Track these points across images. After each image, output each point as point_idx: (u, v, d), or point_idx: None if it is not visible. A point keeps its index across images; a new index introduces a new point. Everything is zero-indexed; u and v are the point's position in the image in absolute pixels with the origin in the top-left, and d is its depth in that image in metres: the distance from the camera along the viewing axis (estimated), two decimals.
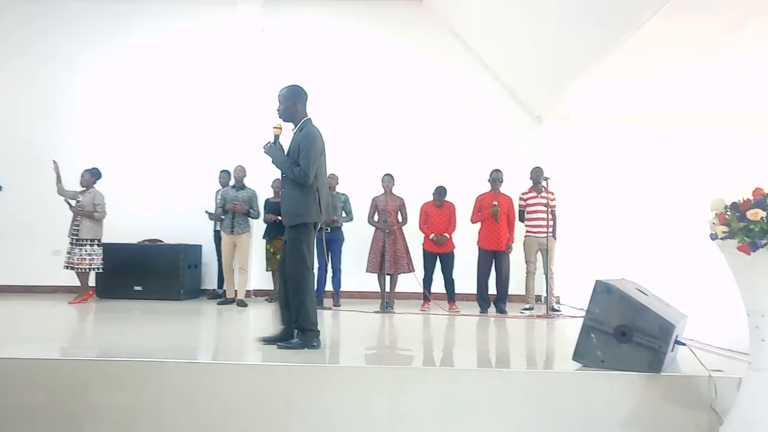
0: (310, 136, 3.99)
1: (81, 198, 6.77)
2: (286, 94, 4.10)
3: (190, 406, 3.22)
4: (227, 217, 6.91)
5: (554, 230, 6.80)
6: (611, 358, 3.17)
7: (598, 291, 3.25)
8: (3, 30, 8.54)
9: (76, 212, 6.71)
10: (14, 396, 3.21)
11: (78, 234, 6.70)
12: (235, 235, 6.90)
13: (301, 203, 3.93)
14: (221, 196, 7.09)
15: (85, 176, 6.85)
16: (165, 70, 8.47)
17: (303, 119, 4.10)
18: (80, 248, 6.70)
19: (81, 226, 6.73)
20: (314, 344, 3.92)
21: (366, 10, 8.54)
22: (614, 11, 5.53)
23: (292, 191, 3.96)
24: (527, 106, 8.38)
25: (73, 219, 6.75)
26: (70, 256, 6.70)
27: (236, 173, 7.10)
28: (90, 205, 6.75)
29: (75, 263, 6.69)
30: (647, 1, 5.04)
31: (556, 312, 6.56)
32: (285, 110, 4.08)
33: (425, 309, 6.62)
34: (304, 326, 3.93)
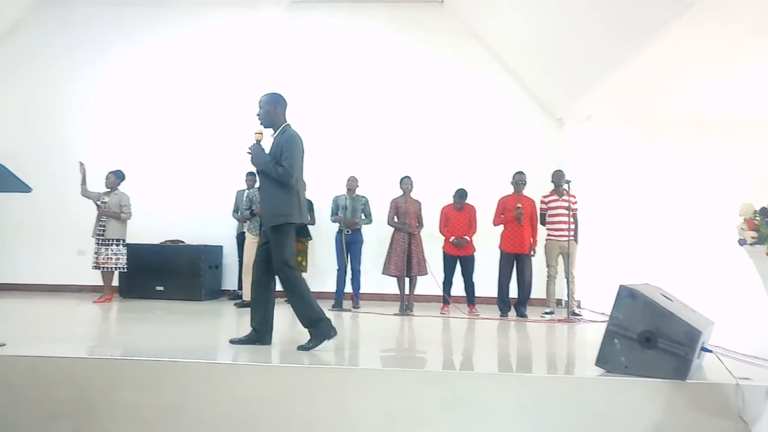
0: (292, 138, 4.10)
1: (106, 199, 6.90)
2: (267, 100, 4.19)
3: (212, 406, 3.25)
4: (255, 219, 6.92)
5: (576, 234, 6.73)
6: (635, 365, 3.12)
7: (622, 296, 3.20)
8: (25, 35, 8.74)
9: (103, 213, 6.84)
10: (43, 393, 3.27)
11: (104, 234, 6.83)
12: (257, 237, 6.93)
13: (282, 204, 4.00)
14: (247, 197, 7.10)
15: (110, 178, 6.98)
16: (186, 72, 8.58)
17: (283, 124, 4.19)
18: (106, 248, 6.83)
19: (107, 227, 6.85)
20: (331, 334, 3.96)
21: (387, 12, 8.55)
22: (637, 14, 5.46)
23: (272, 192, 4.02)
24: (548, 108, 8.31)
25: (98, 219, 6.87)
26: (98, 255, 6.83)
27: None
28: (116, 206, 6.88)
29: (101, 263, 6.81)
30: (670, 4, 4.98)
31: (577, 316, 6.49)
32: (265, 114, 4.16)
33: (445, 312, 6.60)
34: (314, 319, 3.97)
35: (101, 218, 6.88)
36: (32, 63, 8.62)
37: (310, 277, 7.78)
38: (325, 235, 7.68)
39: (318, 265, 7.96)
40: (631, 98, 7.31)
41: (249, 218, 7.02)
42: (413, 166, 7.58)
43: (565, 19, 6.50)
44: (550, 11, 6.63)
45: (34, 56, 8.66)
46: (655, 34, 5.41)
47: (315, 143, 8.24)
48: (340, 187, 7.16)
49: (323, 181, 7.82)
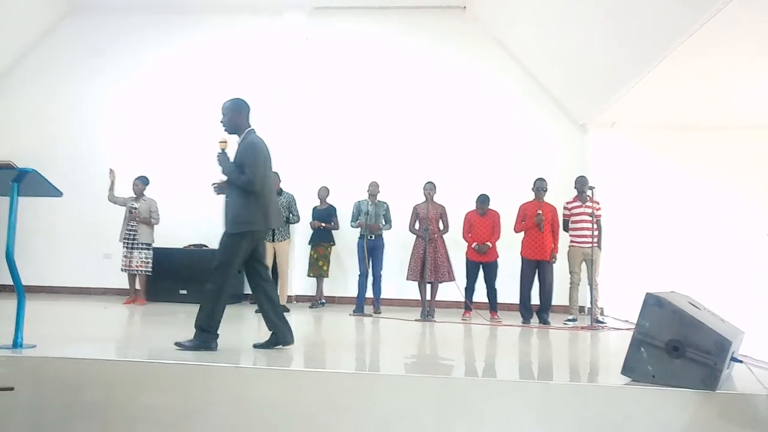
0: (252, 144, 4.09)
1: (136, 205, 7.04)
2: (230, 107, 4.20)
3: (236, 410, 3.27)
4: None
5: (599, 240, 6.66)
6: (663, 374, 3.06)
7: (649, 304, 3.15)
8: (53, 43, 8.98)
9: (135, 219, 6.98)
10: (70, 394, 3.33)
11: (136, 239, 6.98)
12: (275, 242, 6.99)
13: (243, 211, 3.97)
14: None
15: (138, 184, 7.13)
16: (210, 78, 8.70)
17: (246, 130, 4.20)
18: (138, 252, 6.98)
19: (139, 232, 7.02)
20: (212, 346, 3.94)
21: (409, 18, 8.58)
22: (662, 21, 5.41)
23: (236, 199, 4.01)
24: (571, 114, 8.25)
25: (128, 224, 7.02)
26: (128, 259, 6.97)
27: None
28: (146, 212, 7.05)
29: (135, 267, 6.96)
30: (696, 10, 4.92)
31: (601, 324, 6.40)
32: (229, 122, 4.18)
33: (466, 318, 6.57)
34: (206, 327, 3.93)
35: (130, 223, 7.02)
36: (61, 70, 8.84)
37: (331, 282, 7.87)
38: (345, 241, 7.72)
39: (340, 270, 8.00)
40: (656, 104, 7.24)
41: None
42: (436, 171, 7.59)
43: (589, 25, 6.46)
44: (573, 18, 6.60)
45: (63, 63, 8.88)
46: (679, 40, 5.37)
47: (337, 148, 8.41)
48: (361, 192, 7.18)
49: (346, 187, 7.87)
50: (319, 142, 8.43)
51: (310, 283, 7.82)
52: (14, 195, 3.82)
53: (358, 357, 4.35)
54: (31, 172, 3.79)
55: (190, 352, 3.83)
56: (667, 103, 7.21)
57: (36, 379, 3.36)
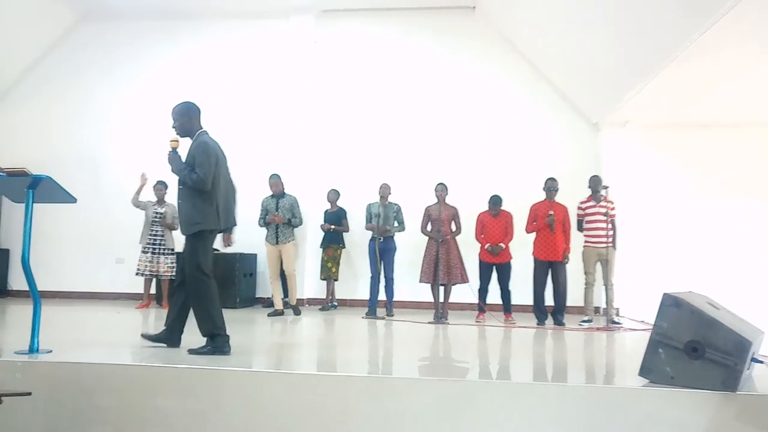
0: (203, 144, 4.12)
1: (161, 210, 7.09)
2: (180, 111, 4.23)
3: (248, 413, 3.27)
4: (271, 227, 6.91)
5: (614, 240, 6.59)
6: (682, 375, 3.01)
7: (667, 304, 3.10)
8: (65, 49, 9.07)
9: (162, 224, 7.04)
10: (84, 399, 3.34)
11: (164, 244, 7.05)
12: (279, 245, 6.94)
13: (197, 211, 4.00)
14: (263, 206, 7.09)
15: (161, 189, 7.17)
16: (219, 82, 8.73)
17: (198, 131, 4.24)
18: (165, 257, 7.05)
19: (166, 237, 7.10)
20: (225, 350, 3.95)
21: (418, 19, 8.57)
22: (675, 19, 5.35)
23: (189, 200, 4.02)
24: (584, 113, 8.18)
25: (151, 229, 7.06)
26: (154, 264, 7.00)
27: (272, 184, 7.06)
28: (171, 217, 7.10)
29: (162, 272, 7.02)
30: (706, 10, 4.87)
31: (617, 325, 6.34)
32: (181, 126, 4.21)
33: (480, 320, 6.53)
34: (213, 332, 3.95)
35: (154, 228, 7.05)
36: (70, 78, 8.92)
37: (343, 285, 7.86)
38: (356, 243, 7.70)
39: (350, 273, 7.99)
40: (669, 102, 7.16)
41: (264, 227, 7.04)
42: (447, 172, 7.56)
43: (600, 24, 6.41)
44: (585, 17, 6.55)
45: (72, 71, 8.97)
46: (692, 38, 5.32)
47: (348, 151, 8.41)
48: (372, 194, 7.17)
49: (356, 189, 7.86)
50: (329, 145, 8.44)
51: (322, 286, 7.81)
52: (29, 202, 3.85)
53: (371, 360, 4.33)
54: (46, 179, 3.82)
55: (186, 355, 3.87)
56: (680, 101, 7.13)
57: (52, 384, 3.39)
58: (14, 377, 3.41)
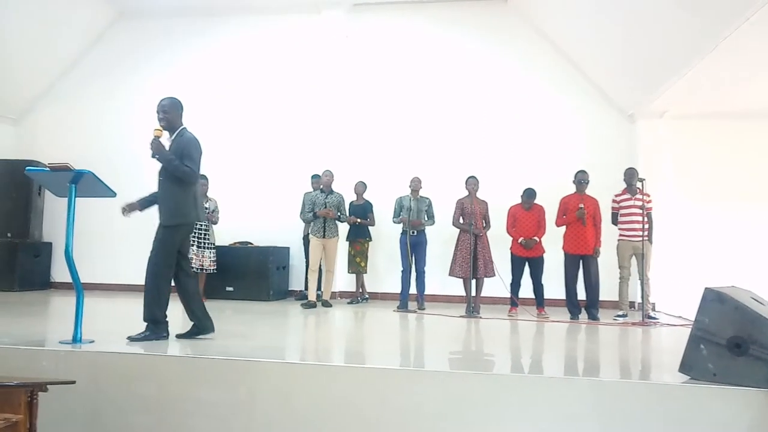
0: (193, 140, 4.24)
1: (206, 205, 7.21)
2: (171, 105, 4.28)
3: (283, 405, 3.32)
4: (318, 221, 7.01)
5: (650, 234, 6.44)
6: (724, 372, 2.94)
7: (708, 299, 3.03)
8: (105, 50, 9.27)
9: (210, 219, 7.19)
10: (126, 388, 3.44)
11: (208, 238, 7.19)
12: (326, 239, 7.03)
13: (181, 204, 4.13)
14: (310, 200, 7.21)
15: (205, 184, 7.22)
16: (252, 77, 8.83)
17: (180, 127, 4.30)
18: (209, 251, 7.19)
19: (210, 232, 7.22)
20: (163, 335, 4.13)
21: (449, 12, 8.49)
22: (717, 3, 5.17)
23: (173, 191, 4.14)
24: (618, 104, 8.00)
25: (196, 223, 7.14)
26: (200, 258, 7.12)
27: (325, 178, 7.20)
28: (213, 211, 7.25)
29: (207, 266, 7.16)
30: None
31: (653, 320, 6.21)
32: (169, 120, 4.24)
33: (513, 314, 6.47)
34: (155, 318, 4.12)
35: (200, 222, 7.16)
36: (112, 74, 9.11)
37: (373, 278, 7.88)
38: (385, 236, 7.71)
39: (378, 267, 8.00)
40: (710, 92, 6.96)
41: (312, 220, 7.11)
42: (478, 165, 7.50)
43: (636, 11, 6.24)
44: (621, 6, 6.39)
45: (114, 67, 9.16)
46: (736, 23, 5.13)
47: (379, 144, 8.41)
48: (402, 188, 7.16)
49: (387, 183, 7.86)
50: (360, 138, 8.45)
51: (351, 279, 7.85)
52: (72, 196, 3.97)
53: (403, 353, 4.34)
54: (87, 174, 3.93)
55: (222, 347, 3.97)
56: (721, 90, 6.91)
57: (94, 373, 3.49)
58: (58, 366, 3.54)
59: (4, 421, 2.35)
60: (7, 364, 3.47)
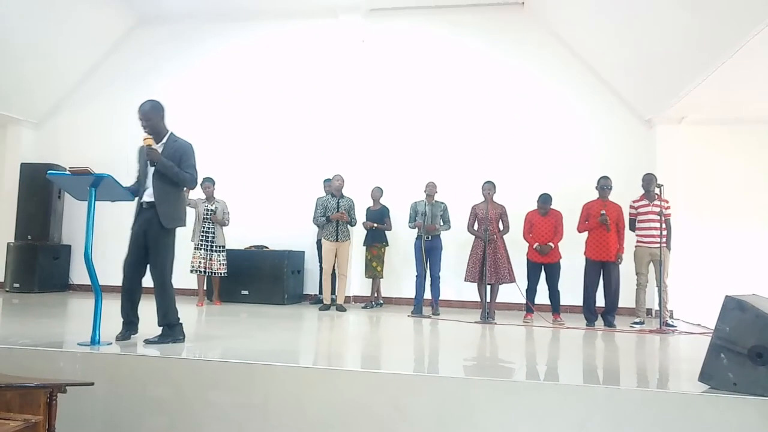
0: (188, 146, 4.29)
1: (211, 207, 7.25)
2: (153, 109, 4.22)
3: (297, 409, 3.33)
4: (331, 225, 7.08)
5: (668, 240, 6.37)
6: (746, 382, 2.89)
7: (729, 308, 2.98)
8: (125, 55, 9.42)
9: (214, 220, 7.21)
10: (143, 390, 3.47)
11: (215, 241, 7.21)
12: (339, 243, 7.08)
13: (179, 208, 4.26)
14: (322, 204, 7.25)
15: (209, 186, 7.31)
16: (268, 81, 8.90)
17: (168, 132, 4.29)
18: (217, 254, 7.21)
19: (216, 234, 7.24)
20: (180, 338, 4.27)
21: (466, 16, 8.49)
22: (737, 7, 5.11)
23: (170, 195, 4.20)
24: (636, 109, 7.93)
25: (202, 226, 7.21)
26: (206, 261, 7.15)
27: (336, 182, 7.23)
28: (221, 214, 7.26)
29: (215, 269, 7.19)
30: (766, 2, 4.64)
31: (671, 327, 6.12)
32: (153, 125, 4.20)
33: (528, 320, 6.43)
34: (172, 322, 4.25)
35: (205, 225, 7.21)
36: (130, 78, 9.22)
37: (388, 283, 7.88)
38: (401, 241, 7.71)
39: (393, 271, 7.99)
40: (729, 97, 6.88)
41: (324, 224, 7.13)
42: (495, 170, 7.49)
43: (655, 15, 6.19)
44: (638, 9, 6.34)
45: (132, 72, 9.28)
46: (758, 28, 5.05)
47: (395, 149, 8.42)
48: (418, 192, 7.16)
49: (399, 187, 7.87)
50: (376, 143, 8.46)
51: (366, 284, 7.86)
52: (92, 199, 4.02)
53: (417, 358, 4.33)
54: (107, 178, 3.99)
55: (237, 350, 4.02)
56: (740, 96, 6.82)
57: (112, 375, 3.53)
58: (76, 368, 3.58)
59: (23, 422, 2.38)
60: (26, 366, 3.53)
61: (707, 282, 7.02)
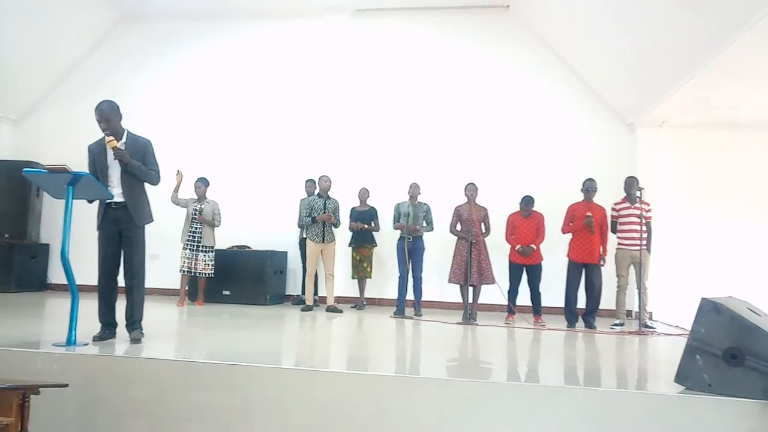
0: (148, 143, 4.39)
1: (200, 206, 7.18)
2: (111, 110, 4.29)
3: (280, 410, 3.31)
4: (317, 226, 7.03)
5: (648, 243, 6.44)
6: (720, 383, 2.93)
7: (705, 310, 3.02)
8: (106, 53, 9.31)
9: (201, 221, 7.13)
10: (122, 392, 3.42)
11: (201, 241, 7.14)
12: (325, 244, 7.04)
13: (147, 205, 4.33)
14: (308, 204, 7.21)
15: (201, 186, 7.25)
16: (253, 81, 8.84)
17: (125, 131, 4.34)
18: (203, 254, 7.13)
19: (204, 234, 7.16)
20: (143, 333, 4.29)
21: (451, 18, 8.52)
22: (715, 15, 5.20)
23: (140, 194, 4.28)
24: (619, 113, 8.02)
25: (190, 226, 7.14)
26: (191, 261, 7.09)
27: (323, 183, 7.19)
28: (210, 214, 7.19)
29: (200, 270, 7.12)
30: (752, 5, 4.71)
31: (650, 329, 6.20)
32: (114, 126, 4.25)
33: (510, 322, 6.46)
34: (141, 318, 4.29)
35: (193, 225, 7.14)
36: (112, 77, 9.09)
37: (371, 284, 7.86)
38: (387, 242, 7.71)
39: (379, 272, 7.99)
40: (709, 102, 6.97)
41: (309, 224, 7.09)
42: (478, 172, 7.52)
43: (637, 21, 6.27)
44: (621, 14, 6.42)
45: (114, 70, 9.16)
46: (734, 36, 5.17)
47: (379, 150, 8.41)
48: (402, 194, 7.16)
49: (383, 188, 7.86)
50: (361, 144, 8.45)
51: (350, 285, 7.83)
52: (69, 198, 3.96)
53: (398, 359, 4.33)
54: (85, 176, 3.92)
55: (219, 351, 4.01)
56: (719, 101, 6.93)
57: (88, 376, 3.48)
58: (52, 368, 3.52)
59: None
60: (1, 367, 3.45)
61: (686, 284, 7.11)
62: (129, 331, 4.22)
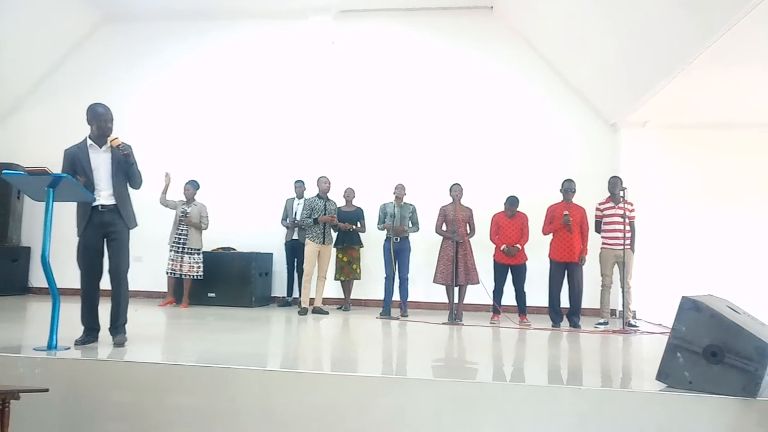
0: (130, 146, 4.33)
1: (188, 209, 7.13)
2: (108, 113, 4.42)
3: (263, 413, 3.28)
4: (318, 227, 6.96)
5: (632, 242, 6.52)
6: (700, 380, 2.97)
7: (685, 308, 3.06)
8: (89, 53, 9.19)
9: (187, 223, 7.08)
10: (103, 396, 3.38)
11: (186, 243, 7.09)
12: (324, 245, 7.00)
13: (132, 208, 4.33)
14: (308, 205, 7.08)
15: (189, 188, 7.23)
16: (238, 82, 8.80)
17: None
18: (189, 256, 7.08)
19: (189, 236, 7.12)
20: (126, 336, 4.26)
21: (435, 19, 8.54)
22: (697, 17, 5.27)
23: (128, 197, 4.32)
24: (602, 113, 8.09)
25: (177, 228, 7.11)
26: (176, 263, 7.06)
27: (322, 185, 7.12)
28: (197, 217, 7.15)
29: (185, 272, 7.07)
30: (731, 7, 4.79)
31: (633, 327, 6.26)
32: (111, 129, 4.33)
33: (495, 321, 6.49)
34: (125, 321, 4.26)
35: (180, 227, 7.10)
36: (95, 77, 8.99)
37: (357, 285, 7.85)
38: (373, 242, 7.69)
39: (366, 273, 7.97)
40: (690, 102, 7.06)
41: (310, 225, 7.03)
42: (463, 173, 7.54)
43: (620, 23, 6.34)
44: (604, 16, 6.49)
45: (97, 71, 9.05)
46: (713, 38, 5.24)
47: (364, 151, 8.41)
48: (387, 194, 7.16)
49: (369, 189, 7.85)
50: (346, 145, 8.44)
51: (334, 286, 7.79)
52: (50, 200, 3.91)
53: (385, 360, 4.33)
54: (66, 178, 3.88)
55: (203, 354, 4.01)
56: (702, 101, 7.02)
57: (69, 381, 3.43)
58: (33, 373, 3.47)
59: None
60: None
61: (670, 283, 7.19)
62: (113, 335, 4.17)
